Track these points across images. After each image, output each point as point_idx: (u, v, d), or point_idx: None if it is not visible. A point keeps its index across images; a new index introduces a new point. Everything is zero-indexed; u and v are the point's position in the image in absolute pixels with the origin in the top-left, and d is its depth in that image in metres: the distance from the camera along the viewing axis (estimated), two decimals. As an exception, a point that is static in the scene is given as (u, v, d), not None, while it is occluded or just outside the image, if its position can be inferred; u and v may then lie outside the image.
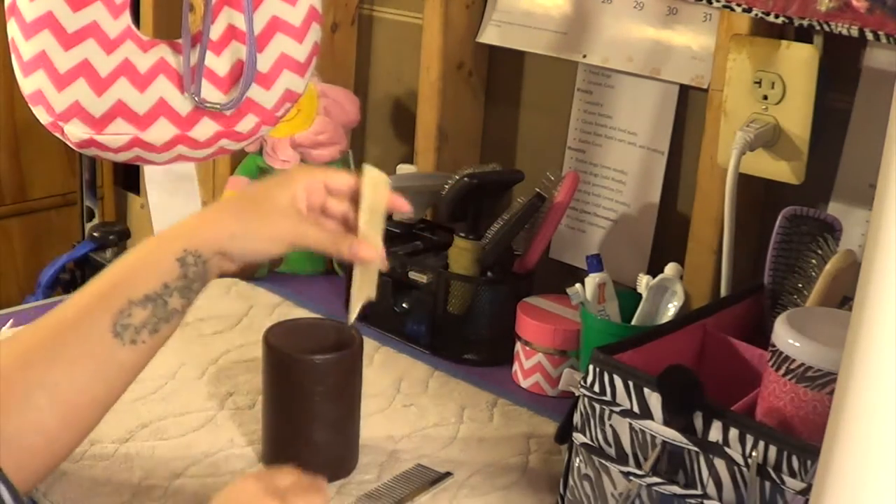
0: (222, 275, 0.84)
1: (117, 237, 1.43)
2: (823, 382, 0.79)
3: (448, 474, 0.98)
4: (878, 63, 1.07)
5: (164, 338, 0.80)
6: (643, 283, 1.10)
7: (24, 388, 0.74)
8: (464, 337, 1.24)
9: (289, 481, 0.74)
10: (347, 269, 1.04)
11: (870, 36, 0.91)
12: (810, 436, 0.79)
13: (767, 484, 0.75)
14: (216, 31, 1.03)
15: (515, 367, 1.19)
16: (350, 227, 0.86)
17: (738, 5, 1.00)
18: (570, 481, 0.88)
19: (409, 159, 1.47)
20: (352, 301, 0.86)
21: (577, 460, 0.87)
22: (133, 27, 1.02)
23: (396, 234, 1.36)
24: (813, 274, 0.95)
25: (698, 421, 0.78)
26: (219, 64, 1.04)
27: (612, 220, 1.31)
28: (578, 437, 0.86)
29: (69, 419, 0.76)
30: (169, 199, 1.42)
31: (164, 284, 0.78)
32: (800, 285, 0.97)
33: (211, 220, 0.81)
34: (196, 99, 1.02)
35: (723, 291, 1.11)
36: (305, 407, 0.94)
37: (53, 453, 0.77)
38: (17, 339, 0.78)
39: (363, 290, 0.86)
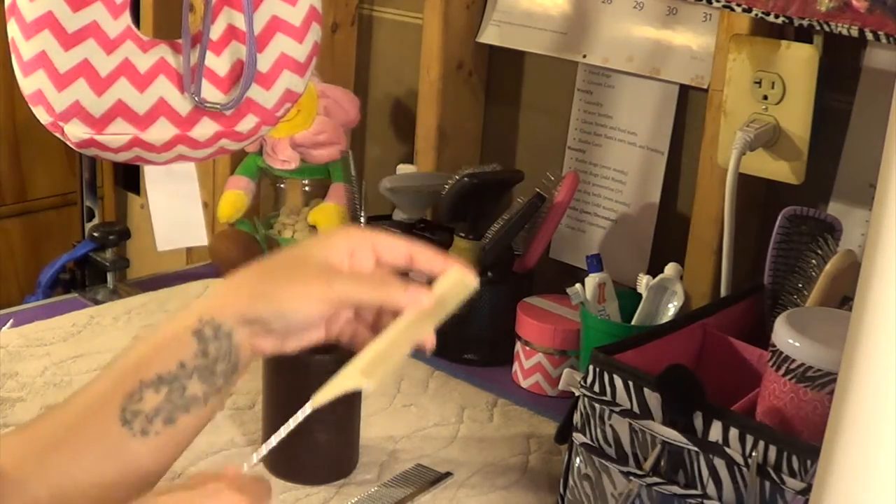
0: (261, 354, 0.70)
1: (117, 237, 1.43)
2: (823, 382, 0.79)
3: (448, 474, 0.98)
4: (878, 63, 1.07)
5: (184, 432, 0.67)
6: (643, 283, 1.10)
7: (23, 480, 0.64)
8: (464, 337, 1.24)
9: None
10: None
11: (870, 36, 0.91)
12: (810, 436, 0.78)
13: (767, 484, 0.75)
14: (216, 31, 1.03)
15: (515, 367, 1.19)
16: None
17: (738, 5, 1.00)
18: (570, 481, 0.88)
19: (409, 159, 1.47)
20: (362, 360, 0.66)
21: (577, 460, 0.87)
22: (133, 27, 1.02)
23: (396, 234, 1.36)
24: (813, 274, 0.95)
25: (698, 421, 0.78)
26: (219, 64, 1.04)
27: (612, 220, 1.31)
28: (578, 437, 0.86)
29: None
30: (169, 199, 1.42)
31: (179, 363, 0.65)
32: (800, 285, 0.97)
33: (230, 285, 0.69)
34: (196, 99, 1.02)
35: (723, 291, 1.11)
36: (305, 407, 0.93)
37: None
38: (26, 429, 0.68)
39: (389, 353, 0.67)
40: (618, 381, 0.83)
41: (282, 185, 1.50)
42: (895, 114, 0.48)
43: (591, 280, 1.10)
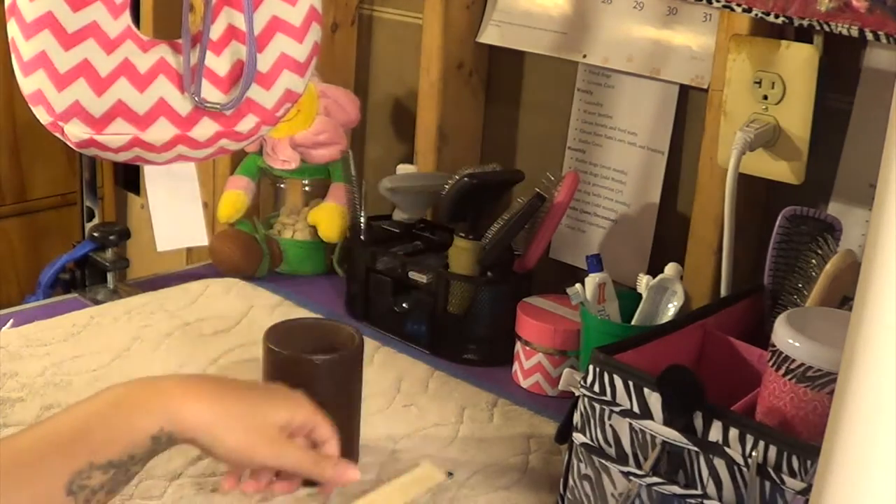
0: None
1: (117, 237, 1.43)
2: (823, 382, 0.79)
3: (448, 474, 0.97)
4: (878, 63, 1.07)
5: (116, 494, 0.76)
6: (643, 283, 1.10)
7: None
8: (464, 337, 1.24)
9: None
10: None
11: (870, 36, 0.91)
12: (810, 436, 0.79)
13: (767, 484, 0.75)
14: (216, 31, 1.03)
15: (515, 367, 1.19)
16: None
17: (738, 5, 1.00)
18: (570, 481, 0.88)
19: (409, 159, 1.47)
20: None
21: (577, 460, 0.87)
22: (133, 27, 1.02)
23: (396, 234, 1.36)
24: (813, 274, 0.95)
25: (698, 421, 0.78)
26: (219, 64, 1.03)
27: (612, 220, 1.31)
28: (578, 437, 0.86)
29: None
30: (169, 199, 1.42)
31: (130, 456, 0.74)
32: (800, 285, 0.97)
33: (197, 404, 0.76)
34: (196, 99, 1.02)
35: (723, 291, 1.11)
36: (305, 407, 0.93)
37: None
38: None
39: None
40: (618, 381, 0.83)
41: (282, 185, 1.50)
42: (895, 114, 0.48)
43: (591, 280, 1.10)
